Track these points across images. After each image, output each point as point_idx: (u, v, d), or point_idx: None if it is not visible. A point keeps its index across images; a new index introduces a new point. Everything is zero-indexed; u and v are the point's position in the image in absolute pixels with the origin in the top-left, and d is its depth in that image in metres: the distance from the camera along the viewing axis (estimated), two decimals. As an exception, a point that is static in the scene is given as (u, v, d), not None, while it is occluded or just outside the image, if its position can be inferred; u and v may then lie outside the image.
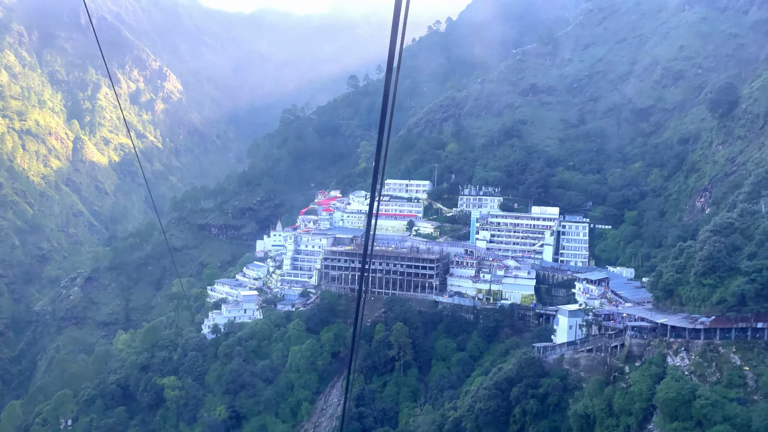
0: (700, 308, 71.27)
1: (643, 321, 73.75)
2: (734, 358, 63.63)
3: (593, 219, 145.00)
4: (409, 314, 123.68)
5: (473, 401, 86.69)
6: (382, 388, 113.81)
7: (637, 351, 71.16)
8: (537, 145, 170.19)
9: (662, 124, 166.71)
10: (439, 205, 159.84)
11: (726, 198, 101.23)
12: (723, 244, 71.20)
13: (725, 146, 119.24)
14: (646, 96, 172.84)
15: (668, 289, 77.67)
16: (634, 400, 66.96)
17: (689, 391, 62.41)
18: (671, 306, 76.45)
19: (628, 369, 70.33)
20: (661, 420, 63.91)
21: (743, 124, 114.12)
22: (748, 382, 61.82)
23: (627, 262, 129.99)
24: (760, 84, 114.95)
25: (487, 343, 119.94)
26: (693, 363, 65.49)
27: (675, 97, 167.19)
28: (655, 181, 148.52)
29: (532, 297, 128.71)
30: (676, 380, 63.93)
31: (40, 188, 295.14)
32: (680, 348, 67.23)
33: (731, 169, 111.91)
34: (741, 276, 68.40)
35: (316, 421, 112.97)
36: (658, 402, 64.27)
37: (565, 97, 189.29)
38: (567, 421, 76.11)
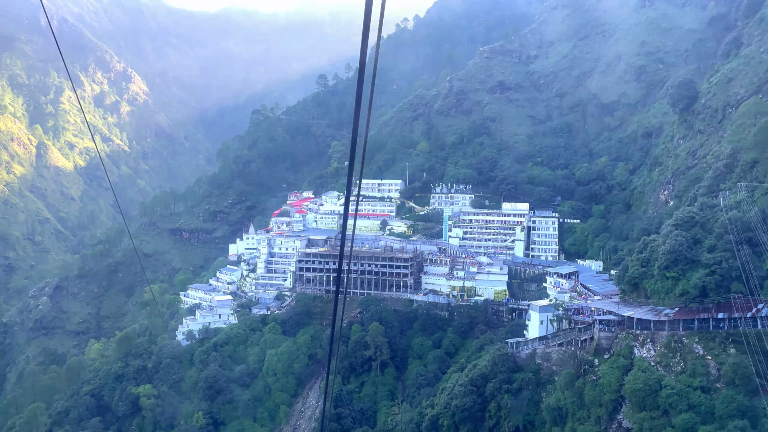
0: (664, 300, 73.78)
1: (611, 314, 76.02)
2: (697, 348, 66.12)
3: (562, 213, 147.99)
4: (385, 314, 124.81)
5: (449, 398, 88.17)
6: (360, 388, 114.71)
7: (605, 344, 73.35)
8: (506, 142, 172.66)
9: (626, 119, 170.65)
10: (412, 204, 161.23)
11: (688, 191, 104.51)
12: (684, 237, 73.75)
13: (686, 140, 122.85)
14: (610, 91, 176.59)
15: (634, 282, 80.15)
16: (604, 391, 69.08)
17: (655, 382, 64.69)
18: (637, 299, 78.93)
19: (598, 362, 72.47)
20: (630, 410, 66.11)
21: (703, 118, 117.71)
22: (711, 370, 64.33)
23: (596, 255, 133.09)
24: (717, 79, 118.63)
25: (462, 339, 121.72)
26: (659, 354, 67.84)
27: (638, 92, 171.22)
28: (621, 175, 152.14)
29: (505, 292, 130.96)
30: (643, 371, 66.19)
31: (4, 196, 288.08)
32: (646, 340, 69.56)
33: (692, 163, 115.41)
34: (702, 268, 71.01)
35: (295, 423, 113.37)
36: (627, 393, 66.46)
37: (532, 93, 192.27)
38: (541, 414, 78.03)
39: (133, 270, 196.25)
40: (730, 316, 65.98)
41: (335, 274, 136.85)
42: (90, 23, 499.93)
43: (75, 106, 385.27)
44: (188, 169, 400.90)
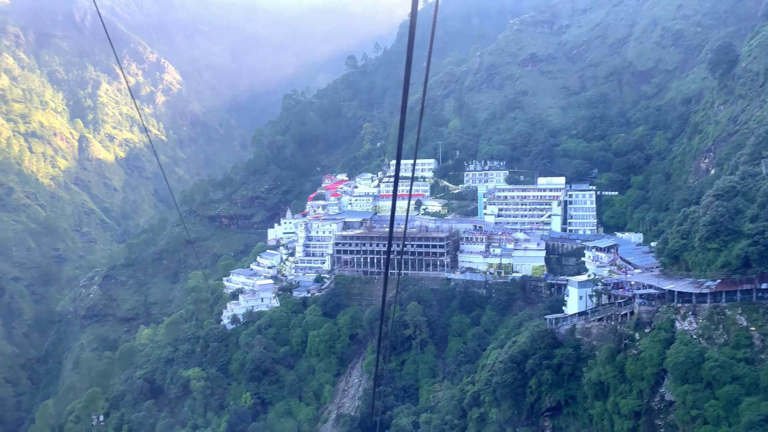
0: (705, 272, 72.84)
1: (651, 288, 75.48)
2: (740, 320, 65.38)
3: (599, 186, 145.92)
4: (423, 293, 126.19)
5: (490, 375, 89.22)
6: (401, 367, 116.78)
7: (646, 318, 73.03)
8: (540, 116, 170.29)
9: (664, 86, 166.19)
10: (446, 183, 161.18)
11: (729, 158, 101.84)
12: (725, 208, 72.42)
13: (726, 106, 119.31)
14: (646, 58, 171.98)
15: (674, 255, 79.22)
16: (646, 365, 69.04)
17: (698, 354, 64.38)
18: (678, 271, 78.07)
19: (638, 336, 72.30)
20: (672, 383, 66.02)
21: (743, 82, 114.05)
22: (755, 342, 63.63)
23: (635, 227, 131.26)
24: (758, 41, 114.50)
25: (500, 316, 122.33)
26: (701, 326, 67.31)
27: (675, 58, 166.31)
28: (660, 144, 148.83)
29: (542, 268, 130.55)
30: (685, 344, 65.87)
31: (50, 189, 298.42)
32: (688, 312, 69.03)
33: (734, 129, 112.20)
34: (744, 239, 69.78)
35: (339, 402, 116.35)
36: (669, 366, 66.31)
37: (565, 64, 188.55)
38: (582, 389, 78.46)
39: (176, 257, 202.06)
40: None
41: (372, 256, 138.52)
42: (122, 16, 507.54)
43: (112, 99, 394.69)
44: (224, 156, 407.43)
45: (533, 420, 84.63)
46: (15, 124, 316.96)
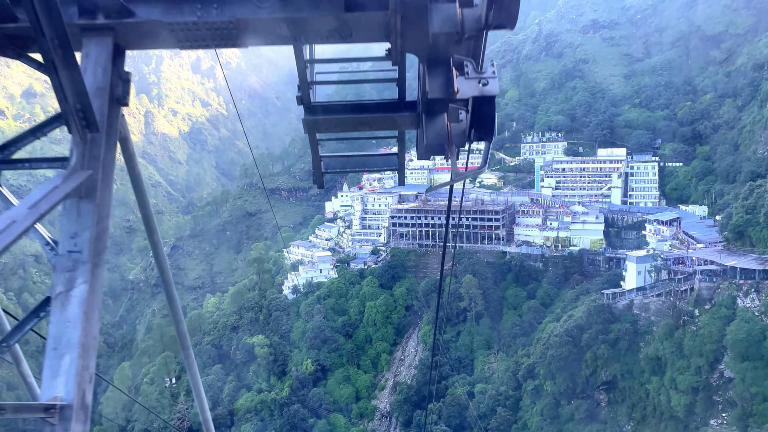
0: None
1: (713, 264, 74.19)
2: (806, 298, 63.84)
3: (663, 157, 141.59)
4: (478, 266, 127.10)
5: (545, 348, 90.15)
6: (456, 338, 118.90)
7: (706, 294, 72.08)
8: (600, 85, 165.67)
9: (735, 51, 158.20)
10: (502, 155, 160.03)
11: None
12: (795, 182, 70.08)
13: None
14: (716, 21, 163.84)
15: (738, 230, 77.31)
16: (705, 342, 68.51)
17: (759, 332, 63.47)
18: (742, 247, 76.27)
19: (698, 312, 71.56)
20: (732, 360, 65.41)
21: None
22: (822, 320, 62.12)
23: (700, 199, 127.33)
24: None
25: (557, 290, 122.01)
26: (763, 304, 66.07)
27: (747, 21, 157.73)
28: (728, 113, 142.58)
29: (601, 242, 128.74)
30: (746, 321, 64.97)
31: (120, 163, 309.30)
32: (750, 290, 67.77)
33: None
34: (814, 214, 67.55)
35: (396, 370, 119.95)
36: (729, 343, 65.66)
37: (629, 30, 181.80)
38: (639, 364, 78.53)
39: (239, 229, 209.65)
40: (844, 264, 62.87)
41: (427, 229, 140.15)
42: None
43: (175, 74, 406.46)
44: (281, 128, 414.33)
45: (589, 393, 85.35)
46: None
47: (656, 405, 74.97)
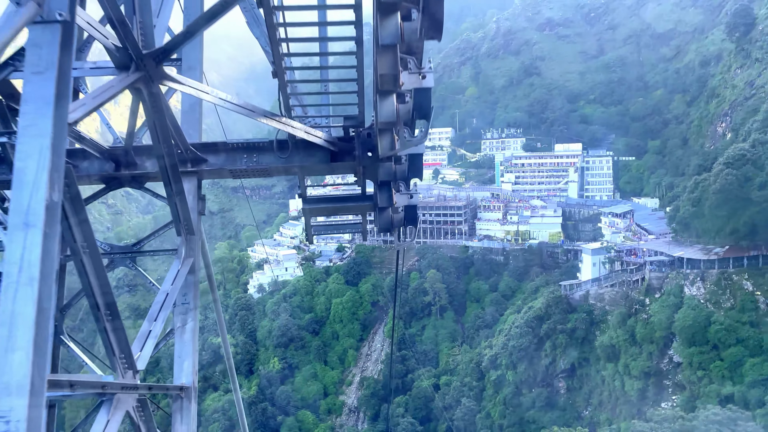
0: (715, 239, 75.17)
1: (662, 255, 78.08)
2: (746, 285, 67.98)
3: (616, 151, 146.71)
4: (441, 260, 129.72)
5: (507, 339, 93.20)
6: (422, 332, 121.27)
7: (656, 284, 75.90)
8: (557, 81, 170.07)
9: (683, 48, 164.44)
10: (463, 151, 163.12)
11: (745, 123, 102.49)
12: (735, 176, 74.15)
13: (743, 70, 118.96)
14: (665, 19, 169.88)
15: (685, 222, 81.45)
16: (655, 329, 72.26)
17: (705, 318, 67.37)
18: (688, 238, 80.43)
19: (649, 301, 75.33)
20: (680, 346, 69.28)
21: (761, 46, 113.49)
22: (760, 306, 66.33)
23: (651, 192, 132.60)
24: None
25: (518, 282, 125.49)
26: (708, 292, 70.08)
27: (695, 19, 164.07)
28: (678, 108, 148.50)
29: (559, 234, 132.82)
30: (693, 309, 68.82)
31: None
32: (696, 278, 71.73)
33: (750, 93, 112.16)
34: (752, 206, 71.71)
35: (363, 366, 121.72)
36: (677, 330, 69.46)
37: (583, 27, 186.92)
38: (594, 352, 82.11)
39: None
40: (780, 252, 67.23)
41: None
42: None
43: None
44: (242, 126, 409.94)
45: (548, 381, 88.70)
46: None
47: (611, 390, 78.64)
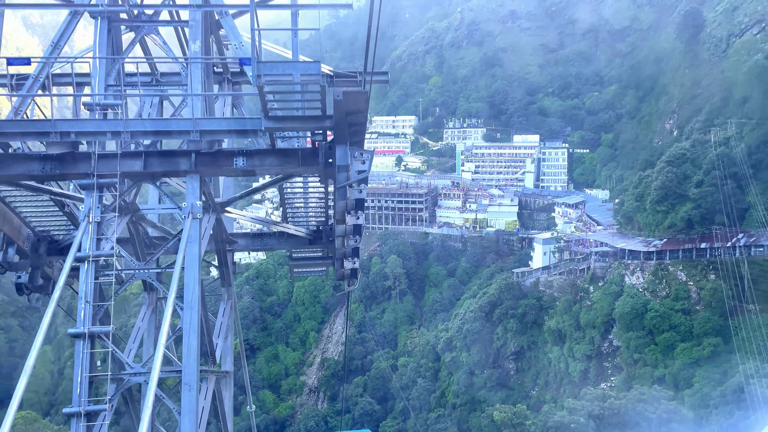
0: (654, 232, 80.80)
1: (606, 246, 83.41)
2: (681, 275, 73.71)
3: (572, 144, 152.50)
4: (402, 246, 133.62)
5: (461, 323, 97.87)
6: (381, 315, 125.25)
7: (600, 273, 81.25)
8: (518, 73, 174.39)
9: (638, 45, 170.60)
10: (426, 140, 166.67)
11: (690, 121, 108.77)
12: (674, 174, 79.73)
13: (692, 69, 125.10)
14: (622, 16, 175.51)
15: (629, 215, 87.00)
16: (597, 315, 77.64)
17: (642, 306, 72.92)
18: (631, 231, 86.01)
19: (593, 289, 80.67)
20: (619, 331, 74.79)
21: (708, 48, 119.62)
22: (692, 295, 72.15)
23: (603, 184, 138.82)
24: (723, 8, 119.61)
25: (475, 268, 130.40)
26: (646, 281, 75.66)
27: (650, 17, 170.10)
28: (630, 103, 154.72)
29: (515, 223, 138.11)
30: (632, 297, 74.31)
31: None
32: (636, 269, 77.23)
33: (696, 93, 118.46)
34: (689, 202, 77.43)
35: (323, 347, 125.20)
36: (617, 316, 74.90)
37: (545, 21, 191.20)
38: (543, 336, 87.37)
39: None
40: (711, 246, 73.04)
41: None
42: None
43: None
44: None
45: (500, 363, 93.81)
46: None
47: (557, 372, 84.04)
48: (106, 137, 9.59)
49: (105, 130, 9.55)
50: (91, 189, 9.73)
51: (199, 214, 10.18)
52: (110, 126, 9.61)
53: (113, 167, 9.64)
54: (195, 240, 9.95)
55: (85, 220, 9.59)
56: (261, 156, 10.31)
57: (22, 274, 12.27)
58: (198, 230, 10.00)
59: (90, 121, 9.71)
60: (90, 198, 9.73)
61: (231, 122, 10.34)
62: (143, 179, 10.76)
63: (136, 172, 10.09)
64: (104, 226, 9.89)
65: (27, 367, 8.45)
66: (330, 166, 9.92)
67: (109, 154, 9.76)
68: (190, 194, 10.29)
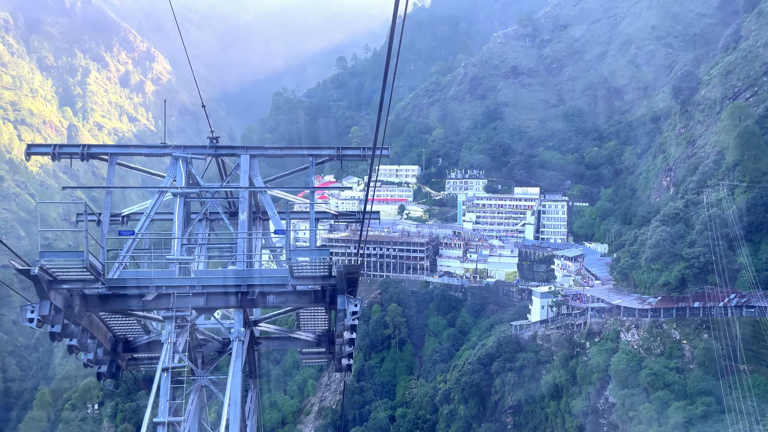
0: (649, 290, 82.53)
1: (602, 302, 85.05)
2: (675, 333, 75.11)
3: (571, 197, 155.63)
4: (403, 295, 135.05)
5: (460, 375, 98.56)
6: (380, 364, 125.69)
7: (596, 328, 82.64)
8: (519, 127, 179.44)
9: (636, 103, 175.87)
10: (428, 189, 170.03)
11: (685, 180, 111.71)
12: (668, 233, 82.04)
13: (687, 129, 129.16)
14: (620, 75, 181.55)
15: (624, 272, 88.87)
16: (593, 371, 78.69)
17: (637, 363, 74.07)
18: (627, 287, 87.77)
19: (589, 344, 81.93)
20: (615, 387, 75.72)
21: (702, 109, 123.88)
22: (685, 353, 73.41)
23: (601, 238, 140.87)
24: (717, 71, 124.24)
25: (474, 318, 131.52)
26: (641, 338, 77.00)
27: (647, 76, 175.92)
28: (629, 159, 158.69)
29: (515, 274, 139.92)
30: (627, 354, 75.55)
31: (39, 178, 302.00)
32: (631, 325, 78.68)
33: (692, 152, 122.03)
34: (682, 261, 79.45)
35: (321, 395, 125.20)
36: (612, 372, 75.98)
37: (545, 77, 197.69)
38: (540, 390, 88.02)
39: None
40: (704, 305, 74.68)
41: (357, 258, 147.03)
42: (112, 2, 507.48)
43: (102, 87, 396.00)
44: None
45: (497, 417, 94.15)
46: (5, 111, 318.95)
47: (554, 427, 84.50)
48: (186, 290, 13.21)
49: (185, 284, 13.28)
50: (171, 319, 13.26)
51: (242, 337, 13.76)
52: (189, 281, 13.36)
53: (186, 303, 13.28)
54: (239, 355, 13.52)
55: (166, 341, 13.16)
56: (286, 295, 13.74)
57: (103, 366, 15.71)
58: (242, 349, 13.67)
59: (176, 278, 13.46)
60: (170, 325, 13.31)
61: (269, 278, 13.69)
62: (205, 312, 14.62)
63: (201, 307, 13.58)
64: (177, 344, 13.44)
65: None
66: (333, 303, 13.58)
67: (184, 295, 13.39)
68: (236, 323, 13.90)
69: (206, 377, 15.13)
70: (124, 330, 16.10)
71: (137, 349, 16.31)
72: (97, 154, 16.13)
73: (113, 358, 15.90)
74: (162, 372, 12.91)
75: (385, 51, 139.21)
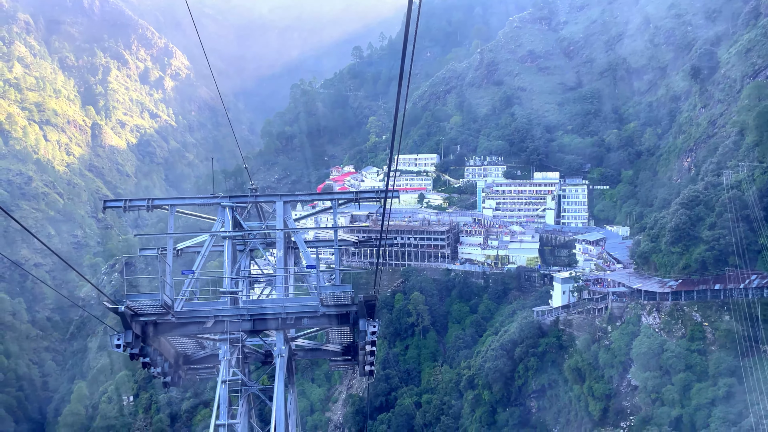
0: (669, 273, 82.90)
1: (623, 286, 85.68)
2: (696, 316, 75.60)
3: (592, 181, 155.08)
4: (425, 283, 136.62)
5: (483, 361, 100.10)
6: (405, 351, 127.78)
7: (617, 312, 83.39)
8: (537, 111, 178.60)
9: (655, 83, 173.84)
10: (447, 177, 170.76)
11: (705, 161, 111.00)
12: (688, 216, 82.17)
13: (707, 109, 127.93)
14: (639, 55, 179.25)
15: (645, 256, 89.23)
16: (615, 355, 79.60)
17: (659, 346, 74.81)
18: (647, 271, 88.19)
19: (610, 328, 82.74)
20: (637, 370, 76.61)
21: (722, 88, 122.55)
22: (707, 335, 73.93)
23: (623, 220, 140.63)
24: (736, 49, 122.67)
25: (497, 304, 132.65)
26: (662, 321, 77.63)
27: (667, 56, 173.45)
28: (649, 141, 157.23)
29: (536, 259, 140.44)
30: (648, 337, 76.29)
31: (66, 177, 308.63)
32: (652, 309, 79.30)
33: (712, 132, 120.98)
34: (702, 244, 79.65)
35: (348, 383, 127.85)
36: (634, 356, 76.83)
37: (562, 60, 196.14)
38: (563, 374, 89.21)
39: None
40: (725, 287, 75.02)
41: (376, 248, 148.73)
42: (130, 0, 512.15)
43: (123, 85, 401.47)
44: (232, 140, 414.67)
45: (521, 401, 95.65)
46: (30, 112, 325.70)
47: (577, 410, 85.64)
48: (236, 318, 15.89)
49: (236, 313, 15.88)
50: (225, 341, 16.08)
51: (283, 354, 16.30)
52: (238, 311, 16.00)
53: (237, 327, 15.96)
54: (282, 368, 16.15)
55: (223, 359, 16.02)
56: (316, 318, 16.23)
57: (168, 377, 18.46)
58: (284, 364, 16.26)
59: (228, 308, 16.09)
60: (224, 345, 16.13)
61: (303, 307, 16.21)
62: (252, 334, 17.16)
63: (248, 330, 16.23)
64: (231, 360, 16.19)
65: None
66: (355, 325, 16.13)
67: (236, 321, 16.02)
68: (278, 342, 16.47)
69: (255, 386, 17.86)
70: (185, 347, 19.02)
71: (195, 362, 19.56)
72: (160, 206, 18.89)
73: (176, 369, 18.79)
74: (221, 384, 15.59)
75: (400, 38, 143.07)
